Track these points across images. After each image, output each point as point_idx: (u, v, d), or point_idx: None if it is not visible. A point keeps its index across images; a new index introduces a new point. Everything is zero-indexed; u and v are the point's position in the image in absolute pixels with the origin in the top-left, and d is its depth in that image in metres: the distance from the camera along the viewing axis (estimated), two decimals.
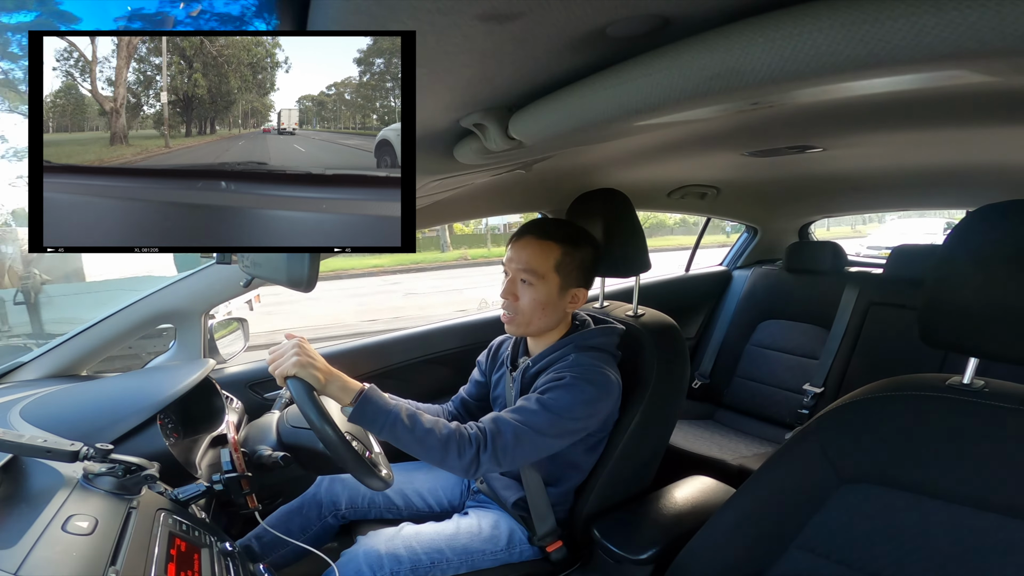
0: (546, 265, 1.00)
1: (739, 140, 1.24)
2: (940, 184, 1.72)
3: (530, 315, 1.02)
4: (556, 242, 1.01)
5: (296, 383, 0.81)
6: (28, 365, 1.17)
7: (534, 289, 1.00)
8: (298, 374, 0.81)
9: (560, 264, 1.00)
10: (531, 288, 1.00)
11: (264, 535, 1.10)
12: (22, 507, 0.58)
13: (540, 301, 1.01)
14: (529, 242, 1.01)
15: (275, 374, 0.82)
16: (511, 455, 0.89)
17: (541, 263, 1.00)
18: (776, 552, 0.79)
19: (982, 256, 0.63)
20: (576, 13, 0.41)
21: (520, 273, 1.01)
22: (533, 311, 1.01)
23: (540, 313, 1.02)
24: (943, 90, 0.75)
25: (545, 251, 1.00)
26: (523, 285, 1.01)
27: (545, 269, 1.00)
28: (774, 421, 1.97)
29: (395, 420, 0.85)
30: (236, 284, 1.27)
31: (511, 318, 1.04)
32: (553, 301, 1.02)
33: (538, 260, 1.00)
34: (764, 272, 2.20)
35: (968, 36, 0.30)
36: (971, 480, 0.64)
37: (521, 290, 1.01)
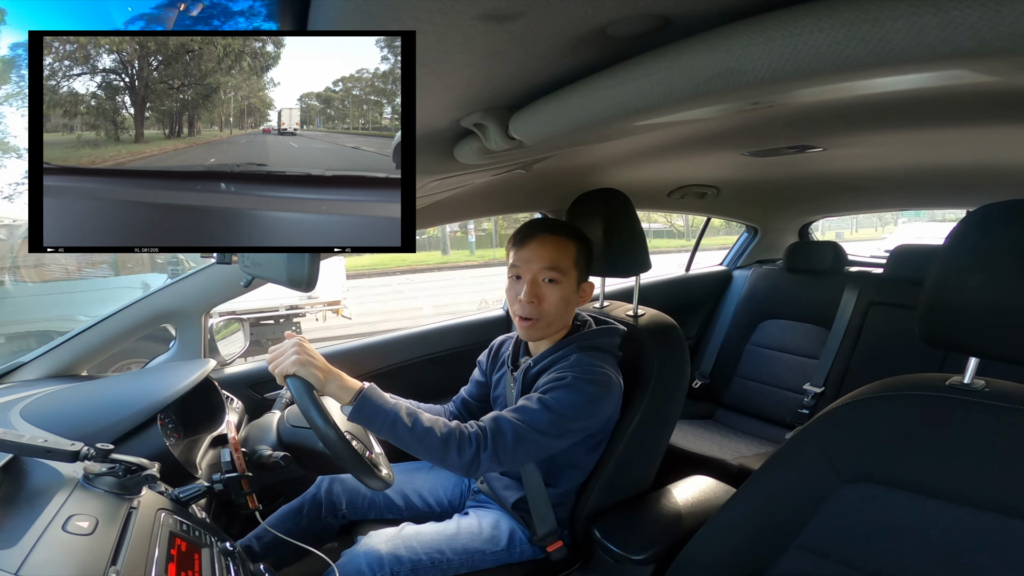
0: (569, 261, 1.01)
1: (739, 140, 1.24)
2: (940, 184, 1.72)
3: (555, 315, 1.01)
4: (569, 238, 1.02)
5: (296, 381, 0.81)
6: (28, 365, 1.17)
7: (560, 287, 1.00)
8: (298, 372, 0.81)
9: (578, 259, 1.02)
10: (557, 286, 1.00)
11: (264, 535, 1.10)
12: (22, 507, 0.58)
13: (566, 298, 1.02)
14: (546, 239, 1.01)
15: (275, 372, 0.83)
16: (511, 454, 0.89)
17: (565, 259, 1.01)
18: (776, 552, 0.79)
19: (982, 256, 0.63)
20: (576, 13, 0.41)
21: (544, 272, 0.99)
22: (558, 310, 1.01)
23: (563, 311, 1.02)
24: (943, 90, 0.75)
25: (564, 247, 1.01)
26: (548, 285, 1.00)
27: (568, 265, 1.01)
28: (774, 421, 1.97)
29: (395, 419, 0.85)
30: (236, 284, 1.27)
31: (534, 322, 1.01)
32: (573, 297, 1.03)
33: (562, 257, 1.00)
34: (764, 272, 2.20)
35: (968, 36, 0.30)
36: (971, 480, 0.64)
37: (546, 290, 1.00)
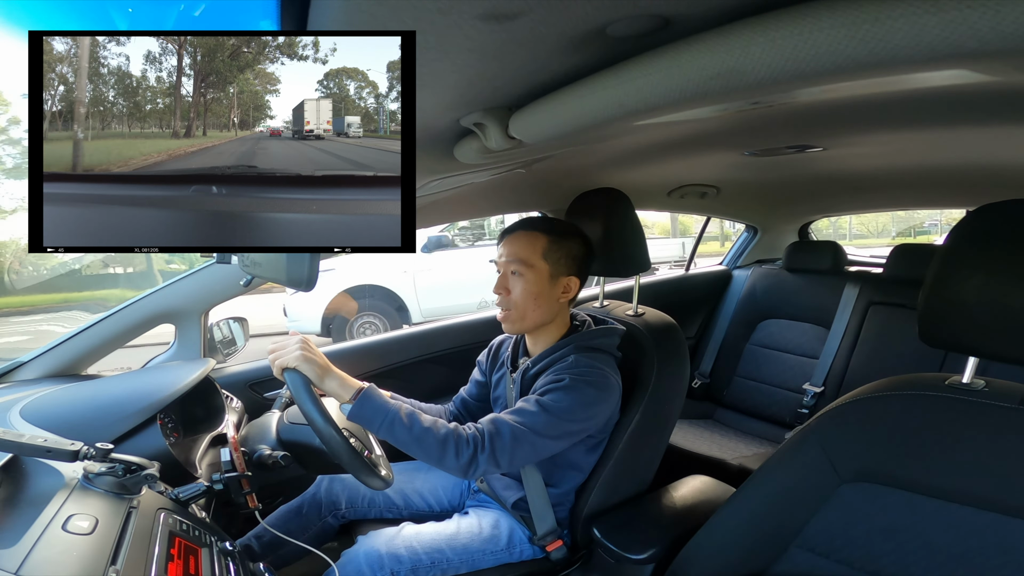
0: (534, 254, 1.02)
1: (739, 140, 1.24)
2: (940, 184, 1.72)
3: (523, 307, 1.03)
4: (541, 232, 1.03)
5: (294, 375, 0.82)
6: (28, 365, 1.17)
7: (524, 279, 1.02)
8: (298, 367, 0.82)
9: (547, 252, 1.02)
10: (521, 279, 1.02)
11: (264, 535, 1.10)
12: (22, 507, 0.58)
13: (531, 291, 1.02)
14: (517, 235, 1.04)
15: (274, 365, 0.84)
16: (509, 456, 0.90)
17: (529, 253, 1.02)
18: (776, 551, 0.79)
19: (982, 256, 0.63)
20: (576, 13, 0.41)
21: (510, 265, 1.03)
22: (526, 302, 1.02)
23: (533, 304, 1.03)
24: (943, 90, 0.75)
25: (532, 240, 1.03)
26: (514, 277, 1.03)
27: (534, 258, 1.02)
28: (774, 421, 1.97)
29: (393, 419, 0.85)
30: (236, 284, 1.27)
31: (506, 314, 1.04)
32: (545, 291, 1.03)
33: (526, 250, 1.02)
34: (764, 272, 2.20)
35: (968, 36, 0.30)
36: (971, 479, 0.64)
37: (512, 282, 1.03)
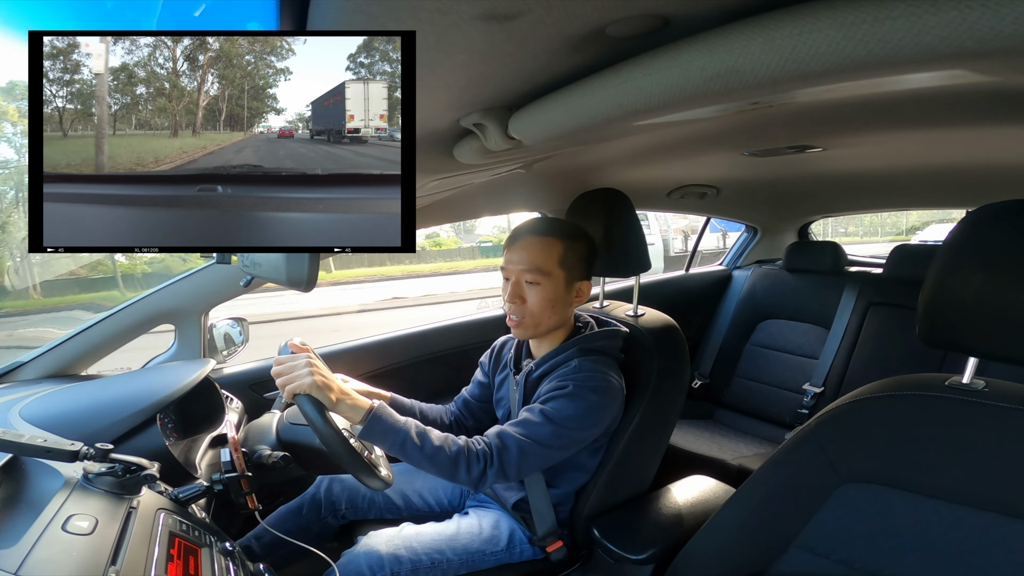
0: (550, 261, 0.98)
1: (739, 140, 1.24)
2: (940, 184, 1.72)
3: (539, 315, 1.00)
4: (556, 237, 1.00)
5: (306, 401, 0.80)
6: (28, 365, 1.17)
7: (541, 288, 0.99)
8: (312, 394, 0.81)
9: (564, 258, 0.99)
10: (538, 288, 0.99)
11: (264, 535, 1.10)
12: (22, 507, 0.58)
13: (549, 299, 0.99)
14: (530, 241, 1.00)
15: (285, 390, 0.81)
16: (516, 469, 0.91)
17: (546, 260, 0.98)
18: (776, 551, 0.79)
19: (982, 256, 0.63)
20: (576, 13, 0.41)
21: (525, 274, 0.99)
22: (543, 311, 1.00)
23: (550, 312, 1.00)
24: (943, 90, 0.75)
25: (548, 247, 0.99)
26: (529, 286, 0.99)
27: (550, 266, 0.98)
28: (774, 421, 1.97)
29: (404, 438, 0.86)
30: (236, 284, 1.27)
31: (519, 322, 1.01)
32: (561, 297, 1.01)
33: (542, 258, 0.98)
34: (764, 272, 2.20)
35: (968, 36, 0.30)
36: (970, 480, 0.64)
37: (528, 291, 0.99)
